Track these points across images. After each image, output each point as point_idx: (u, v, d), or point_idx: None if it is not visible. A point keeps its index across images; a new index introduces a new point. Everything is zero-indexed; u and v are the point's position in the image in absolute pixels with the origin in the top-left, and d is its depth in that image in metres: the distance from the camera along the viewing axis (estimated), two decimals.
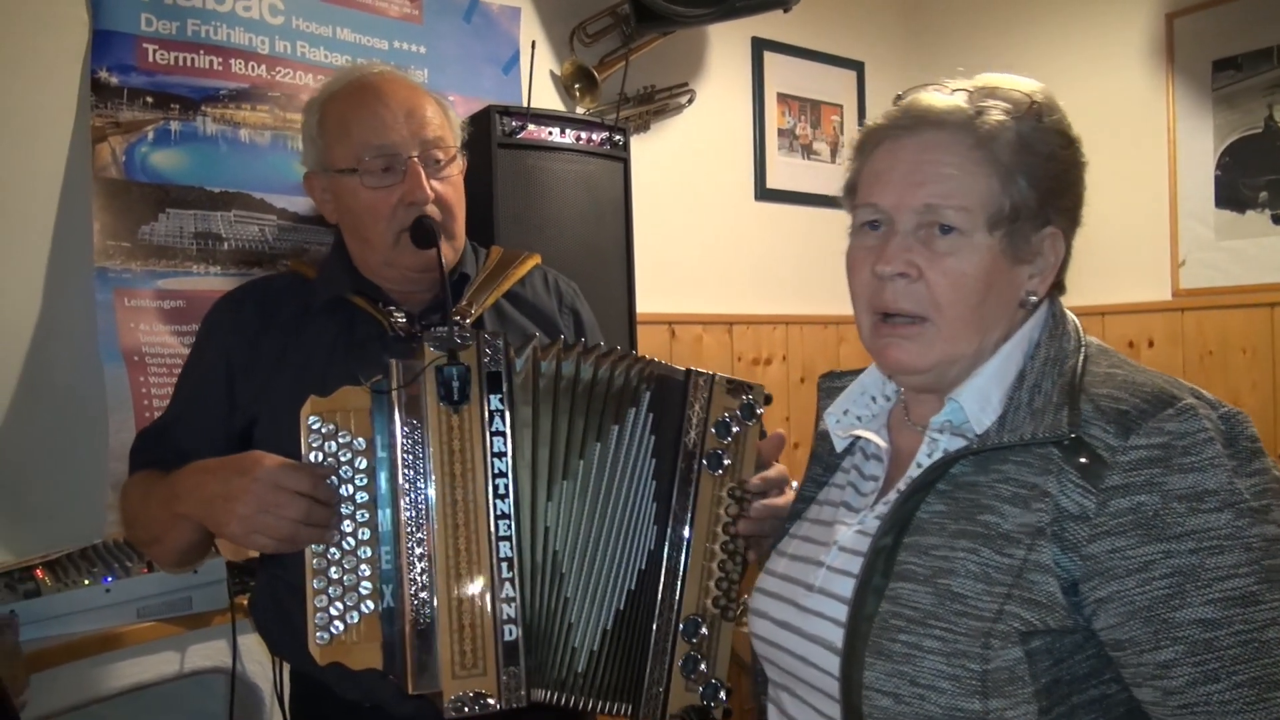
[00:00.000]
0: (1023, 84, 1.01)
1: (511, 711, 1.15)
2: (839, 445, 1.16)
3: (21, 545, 1.93)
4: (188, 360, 1.49)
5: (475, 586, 1.14)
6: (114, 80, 2.07)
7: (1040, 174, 0.97)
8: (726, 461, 1.22)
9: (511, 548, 1.16)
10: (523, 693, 1.14)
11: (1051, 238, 1.00)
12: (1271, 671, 0.82)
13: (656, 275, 2.87)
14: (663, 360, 1.29)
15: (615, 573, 1.22)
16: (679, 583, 1.20)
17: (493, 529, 1.16)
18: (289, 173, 2.24)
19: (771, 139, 3.27)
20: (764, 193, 3.25)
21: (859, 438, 1.14)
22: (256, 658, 1.96)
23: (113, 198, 2.05)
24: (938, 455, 1.00)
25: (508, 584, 1.15)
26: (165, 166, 2.12)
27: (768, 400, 1.26)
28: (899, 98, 1.05)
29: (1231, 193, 2.86)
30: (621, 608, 1.21)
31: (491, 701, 1.12)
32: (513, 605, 1.15)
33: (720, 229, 3.15)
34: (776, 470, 1.29)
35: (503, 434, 1.18)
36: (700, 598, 1.20)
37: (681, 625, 1.19)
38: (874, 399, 1.16)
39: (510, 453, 1.18)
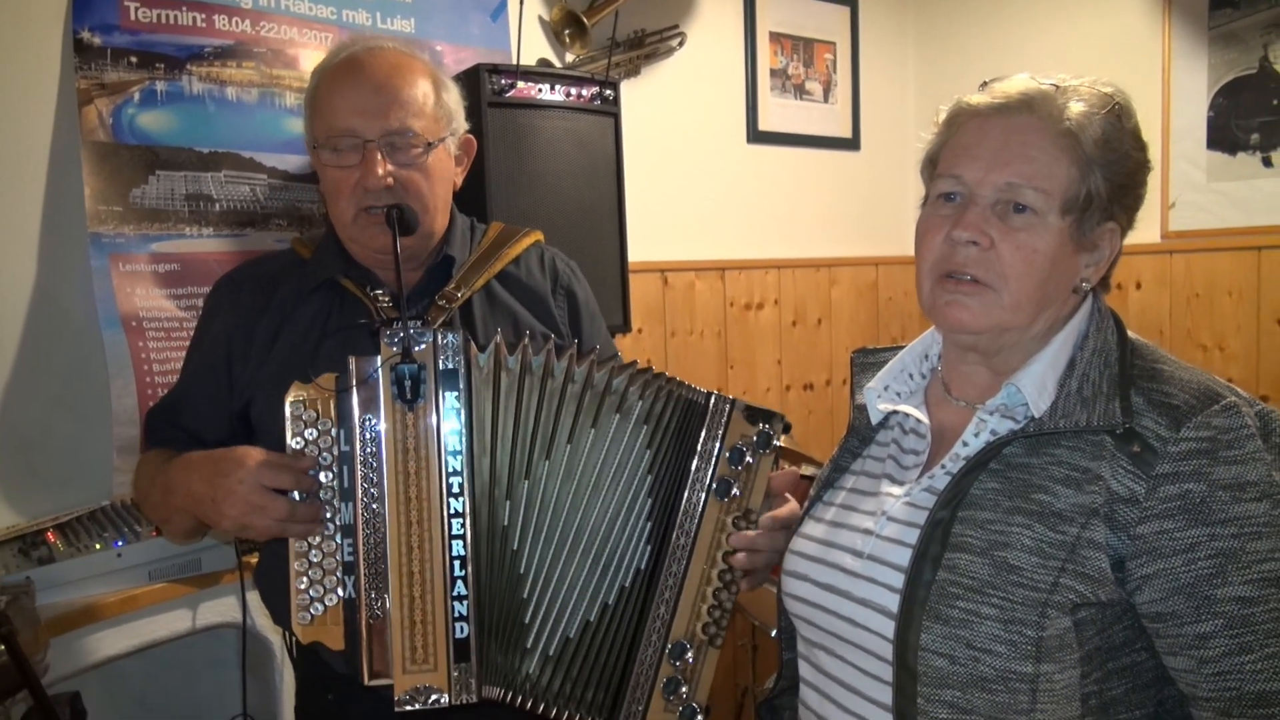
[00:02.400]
0: (1103, 85, 1.07)
1: (482, 709, 1.19)
2: (875, 418, 1.22)
3: (32, 508, 1.97)
4: (193, 339, 1.53)
5: (427, 583, 1.16)
6: (97, 41, 2.04)
7: (1115, 170, 1.04)
8: (735, 491, 1.22)
9: (465, 546, 1.17)
10: (473, 687, 1.16)
11: (1111, 232, 1.07)
12: None
13: (649, 223, 2.88)
14: (672, 375, 1.26)
15: (588, 582, 1.22)
16: (672, 605, 1.20)
17: (446, 527, 1.17)
18: (278, 131, 2.23)
19: (764, 80, 3.23)
20: (756, 135, 3.23)
21: (895, 412, 1.20)
22: (266, 611, 2.03)
23: (102, 161, 2.04)
24: (985, 435, 1.08)
25: (460, 582, 1.17)
26: (153, 128, 2.10)
27: (787, 429, 1.25)
28: (985, 84, 1.10)
29: (1223, 134, 2.85)
30: (591, 619, 1.21)
31: (441, 696, 1.15)
32: (464, 603, 1.17)
33: (712, 174, 3.13)
34: (788, 510, 1.28)
35: (458, 432, 1.18)
36: (691, 622, 1.21)
37: (669, 647, 1.20)
38: (911, 376, 1.22)
39: (465, 451, 1.18)
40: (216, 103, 2.18)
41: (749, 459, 1.22)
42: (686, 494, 1.21)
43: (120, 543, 1.85)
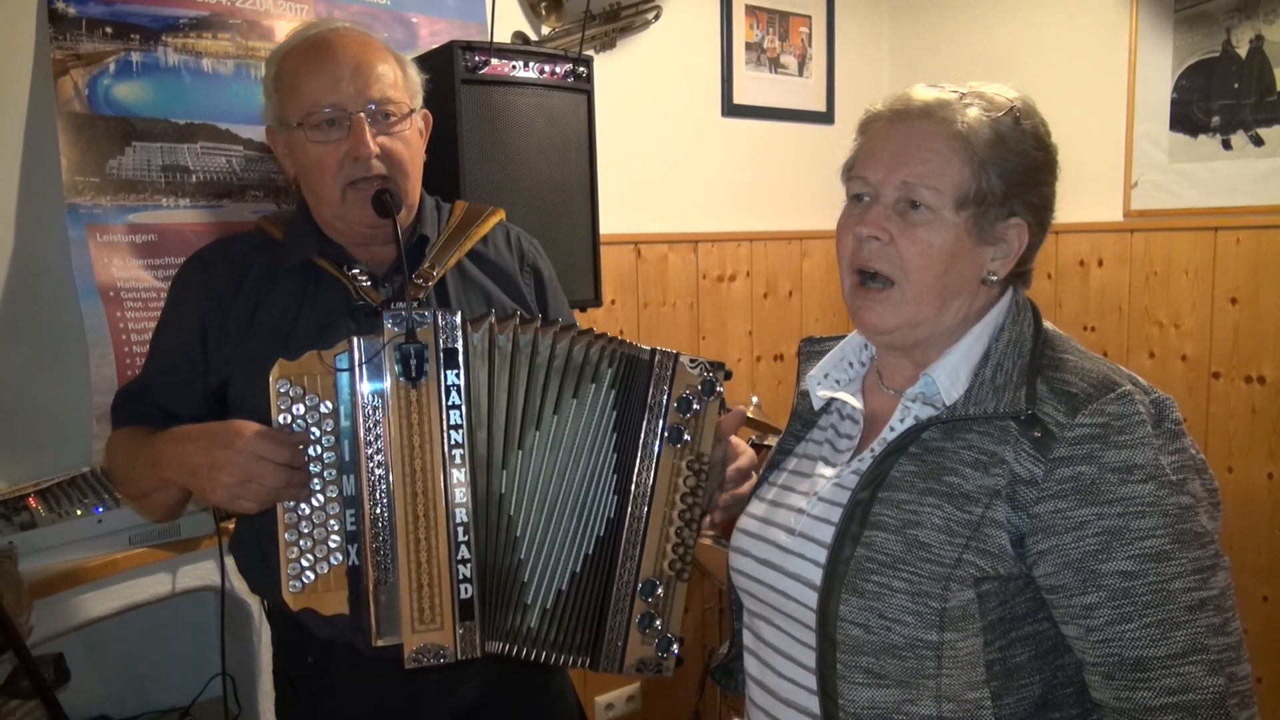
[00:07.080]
0: (1008, 92, 1.14)
1: (477, 661, 1.26)
2: (816, 404, 1.30)
3: (14, 474, 2.02)
4: (161, 320, 1.54)
5: (433, 549, 1.23)
6: (72, 11, 2.05)
7: (1010, 168, 1.10)
8: (687, 437, 1.29)
9: (467, 513, 1.24)
10: (476, 643, 1.24)
11: (1017, 228, 1.13)
12: (1175, 615, 0.99)
13: (623, 196, 2.92)
14: (628, 339, 1.34)
15: (572, 538, 1.30)
16: (639, 548, 1.29)
17: (449, 497, 1.23)
18: (253, 102, 2.25)
19: (739, 53, 3.26)
20: (731, 108, 3.26)
21: (836, 399, 1.27)
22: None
23: (79, 132, 2.06)
24: (909, 421, 1.14)
25: (463, 547, 1.24)
26: (129, 99, 2.12)
27: (728, 376, 1.32)
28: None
29: (1185, 116, 2.91)
30: (577, 570, 1.30)
31: (448, 653, 1.23)
32: (468, 566, 1.24)
33: (687, 147, 3.17)
34: (747, 459, 1.38)
35: (458, 407, 1.24)
36: (658, 561, 1.29)
37: (640, 585, 1.29)
38: (851, 364, 1.30)
39: (466, 425, 1.24)
40: (192, 74, 2.20)
41: (696, 406, 1.30)
42: (641, 444, 1.29)
43: (101, 509, 1.89)
